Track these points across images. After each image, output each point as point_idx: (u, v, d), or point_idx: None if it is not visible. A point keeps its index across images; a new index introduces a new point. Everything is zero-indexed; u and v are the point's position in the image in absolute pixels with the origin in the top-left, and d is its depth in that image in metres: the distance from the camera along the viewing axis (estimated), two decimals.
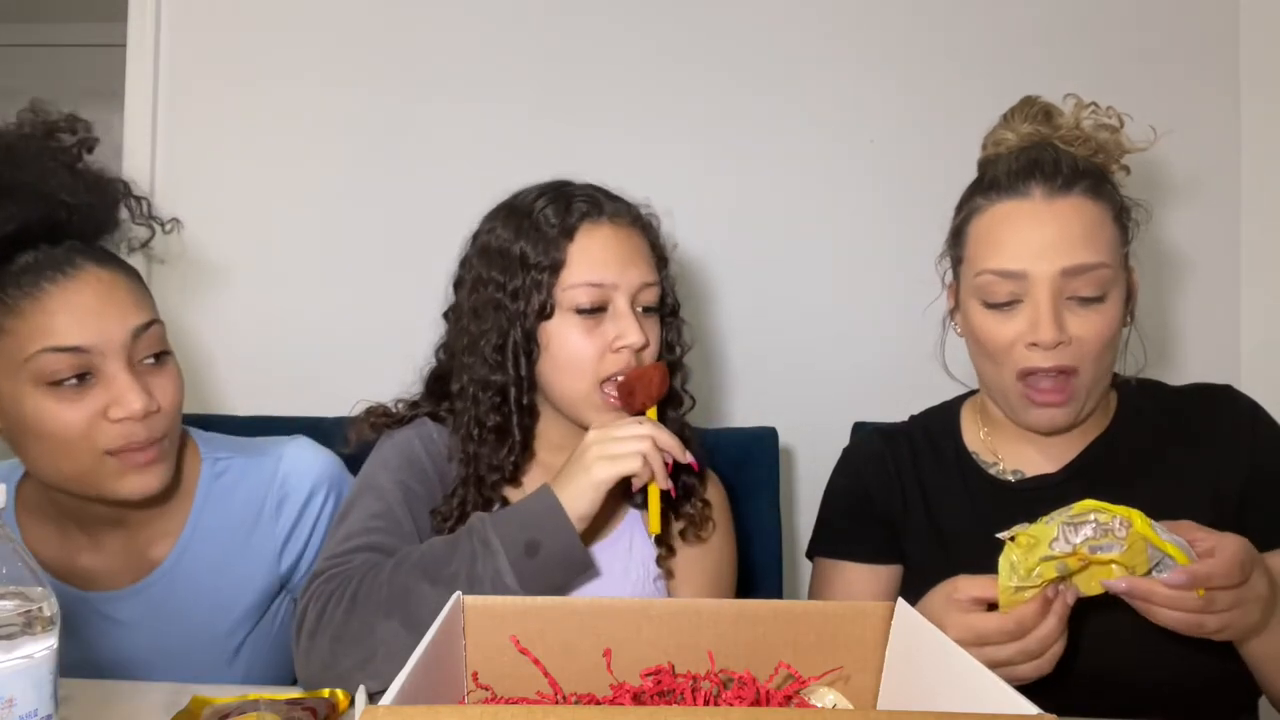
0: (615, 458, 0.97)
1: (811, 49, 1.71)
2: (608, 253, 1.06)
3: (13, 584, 0.63)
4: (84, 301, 0.94)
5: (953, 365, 1.18)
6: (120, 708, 0.90)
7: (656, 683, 0.73)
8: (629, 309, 1.05)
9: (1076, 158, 1.04)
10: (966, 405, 1.20)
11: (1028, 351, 1.00)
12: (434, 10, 1.74)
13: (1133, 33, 1.69)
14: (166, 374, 1.01)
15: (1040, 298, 0.99)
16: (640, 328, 1.05)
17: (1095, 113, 1.07)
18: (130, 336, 0.96)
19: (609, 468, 0.96)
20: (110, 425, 0.95)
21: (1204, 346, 1.68)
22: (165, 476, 1.02)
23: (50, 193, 0.95)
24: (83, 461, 0.96)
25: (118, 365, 0.95)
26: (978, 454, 1.14)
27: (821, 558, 1.19)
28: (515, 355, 1.06)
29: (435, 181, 1.73)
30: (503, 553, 0.94)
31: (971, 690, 0.62)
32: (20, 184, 0.93)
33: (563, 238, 1.05)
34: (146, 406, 0.95)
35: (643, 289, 1.07)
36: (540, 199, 1.09)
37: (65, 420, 0.93)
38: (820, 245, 1.71)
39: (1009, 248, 1.01)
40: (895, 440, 1.18)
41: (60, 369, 0.92)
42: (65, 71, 3.18)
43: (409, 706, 0.55)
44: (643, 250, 1.09)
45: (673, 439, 1.00)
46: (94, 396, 0.94)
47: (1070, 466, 1.08)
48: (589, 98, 1.72)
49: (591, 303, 1.04)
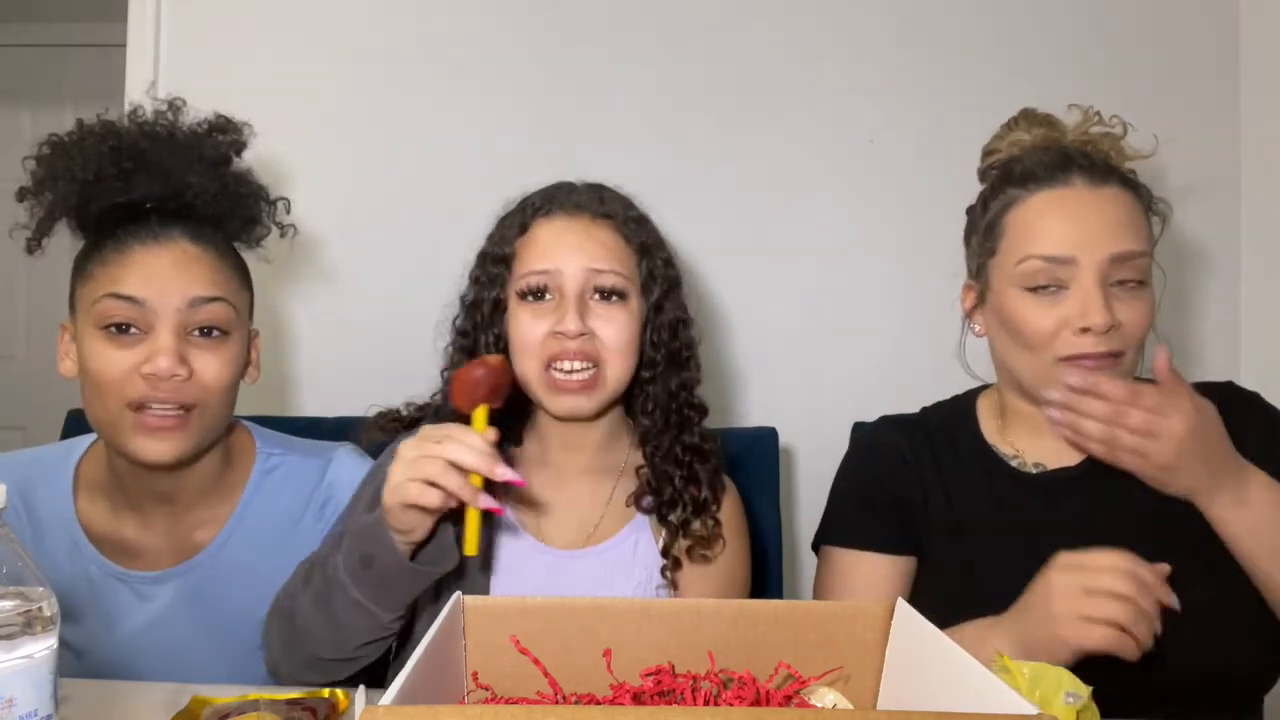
0: (398, 486, 0.89)
1: (812, 49, 1.71)
2: (554, 242, 1.06)
3: (13, 584, 0.63)
4: (157, 263, 1.01)
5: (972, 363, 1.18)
6: (120, 708, 0.90)
7: (656, 683, 0.73)
8: (575, 295, 1.04)
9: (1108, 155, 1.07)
10: (982, 399, 1.19)
11: (1075, 338, 1.01)
12: (438, 10, 1.74)
13: (1132, 36, 1.69)
14: (216, 351, 1.04)
15: (1089, 284, 1.00)
16: (579, 314, 1.03)
17: (1099, 121, 1.09)
18: (187, 304, 1.01)
19: (396, 495, 0.89)
20: (139, 379, 1.00)
21: (1204, 346, 1.69)
22: (182, 449, 1.03)
23: (181, 178, 1.04)
24: (110, 409, 1.02)
25: (166, 327, 1.01)
26: (997, 447, 1.14)
27: (832, 547, 1.16)
28: (486, 348, 1.09)
29: (443, 182, 1.73)
30: (343, 567, 0.94)
31: (971, 690, 0.62)
32: (158, 164, 1.04)
33: (517, 233, 1.09)
34: (173, 369, 0.99)
35: (593, 274, 1.05)
36: (517, 203, 1.13)
37: (106, 363, 1.00)
38: (820, 245, 1.71)
39: (1055, 233, 1.02)
40: (911, 430, 1.17)
41: (115, 314, 1.00)
42: (65, 71, 3.18)
43: (409, 706, 0.55)
44: (602, 238, 1.07)
45: (480, 456, 0.88)
46: (137, 349, 1.00)
47: (1090, 459, 1.08)
48: (589, 98, 1.72)
49: (530, 288, 1.05)
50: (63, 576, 1.08)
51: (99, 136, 1.05)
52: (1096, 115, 1.09)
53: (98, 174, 1.02)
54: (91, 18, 2.92)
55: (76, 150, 1.04)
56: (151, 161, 1.04)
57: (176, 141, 1.07)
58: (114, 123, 1.07)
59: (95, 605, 1.09)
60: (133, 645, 1.08)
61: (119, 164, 1.03)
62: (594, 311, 1.05)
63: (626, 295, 1.07)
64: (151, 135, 1.07)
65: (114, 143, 1.04)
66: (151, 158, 1.04)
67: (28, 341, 3.24)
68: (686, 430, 1.12)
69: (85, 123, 1.07)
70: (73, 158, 1.03)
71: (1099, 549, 0.90)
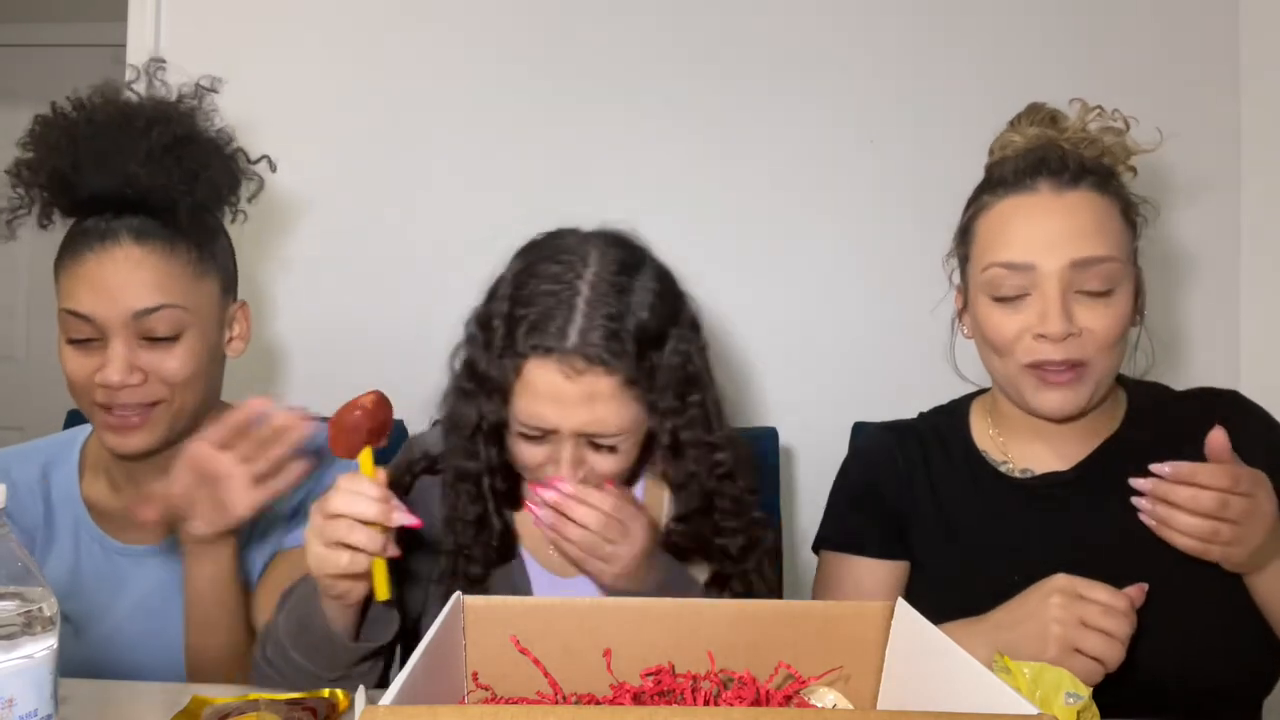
0: (311, 557, 0.88)
1: (812, 49, 1.71)
2: (551, 397, 0.96)
3: (13, 584, 0.63)
4: (103, 276, 1.04)
5: (962, 366, 1.18)
6: (120, 708, 0.90)
7: (656, 683, 0.73)
8: (571, 445, 0.98)
9: (1083, 156, 1.05)
10: (976, 404, 1.19)
11: (1036, 344, 1.00)
12: (441, 18, 1.74)
13: (1133, 33, 1.69)
14: (171, 351, 1.07)
15: (1049, 290, 0.99)
16: (574, 465, 0.99)
17: (1101, 116, 1.07)
18: (131, 317, 1.04)
19: (312, 566, 0.89)
20: (98, 386, 1.05)
21: (1205, 347, 1.68)
22: (150, 441, 1.07)
23: (125, 169, 1.06)
24: (84, 406, 1.09)
25: (118, 338, 1.04)
26: (987, 452, 1.14)
27: (829, 551, 1.18)
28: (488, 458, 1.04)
29: (449, 187, 1.73)
30: (283, 630, 0.96)
31: (971, 690, 0.62)
32: (104, 158, 1.06)
33: (513, 371, 0.97)
34: (123, 380, 1.03)
35: (593, 437, 0.99)
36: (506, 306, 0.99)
37: (72, 369, 1.07)
38: (821, 245, 1.71)
39: (1017, 241, 1.02)
40: (904, 436, 1.18)
41: (73, 330, 1.06)
42: (65, 71, 3.18)
43: (409, 706, 0.55)
44: (605, 395, 0.96)
45: (372, 503, 0.86)
46: (96, 357, 1.05)
47: (1081, 465, 1.08)
48: (588, 97, 1.72)
49: (529, 435, 1.00)
50: (69, 554, 1.14)
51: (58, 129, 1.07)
52: (1097, 109, 1.07)
53: (51, 173, 1.06)
54: (91, 18, 2.92)
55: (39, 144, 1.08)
56: (101, 155, 1.06)
57: (127, 132, 1.07)
58: (66, 114, 1.09)
59: (97, 579, 1.12)
60: (132, 616, 1.11)
61: (72, 159, 1.06)
62: (588, 456, 1.00)
63: (625, 444, 1.00)
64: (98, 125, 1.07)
65: (67, 135, 1.06)
66: (98, 151, 1.06)
67: (28, 342, 3.24)
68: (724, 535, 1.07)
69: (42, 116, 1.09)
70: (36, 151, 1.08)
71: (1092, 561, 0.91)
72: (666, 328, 1.00)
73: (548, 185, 1.72)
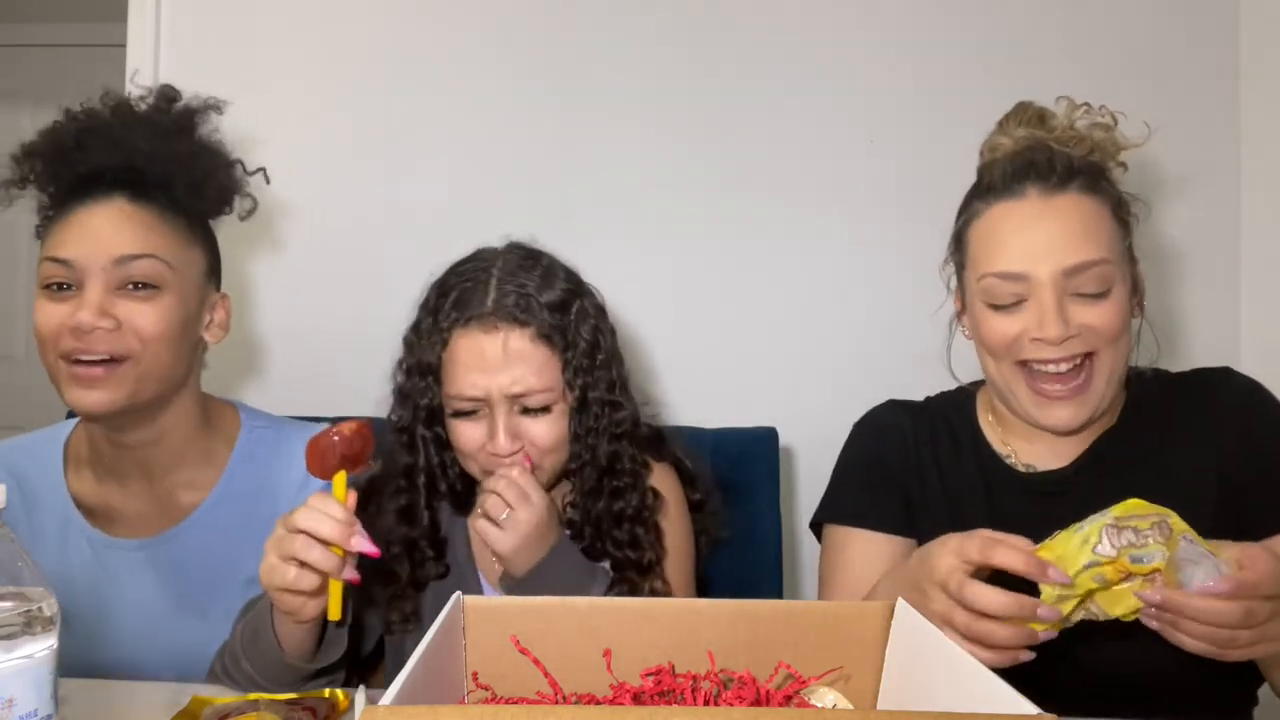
0: (265, 570, 0.90)
1: (811, 49, 1.71)
2: (475, 365, 1.05)
3: (13, 584, 0.63)
4: (92, 222, 1.05)
5: (957, 368, 1.18)
6: (120, 708, 0.90)
7: (656, 683, 0.73)
8: (502, 413, 1.05)
9: (1071, 156, 1.04)
10: (981, 392, 1.19)
11: (1034, 345, 1.01)
12: (441, 17, 1.74)
13: (1133, 30, 1.69)
14: (149, 302, 1.06)
15: (1044, 297, 0.99)
16: (508, 433, 1.05)
17: (1088, 113, 1.07)
18: (113, 261, 1.04)
19: (265, 580, 0.90)
20: (69, 332, 1.04)
21: (1204, 341, 1.68)
22: (114, 399, 1.05)
23: (132, 144, 1.08)
24: (49, 361, 1.07)
25: (95, 282, 1.04)
26: (992, 443, 1.14)
27: (833, 524, 1.16)
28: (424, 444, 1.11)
29: (436, 188, 1.73)
30: (239, 637, 0.98)
31: (971, 690, 0.62)
32: (113, 135, 1.09)
33: (440, 348, 1.07)
34: (95, 323, 1.02)
35: (516, 397, 1.05)
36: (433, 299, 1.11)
37: (43, 318, 1.05)
38: (820, 245, 1.71)
39: (1009, 250, 1.02)
40: (916, 414, 1.18)
41: (51, 275, 1.05)
42: (65, 71, 3.18)
43: (409, 706, 0.55)
44: (520, 351, 1.05)
45: (335, 525, 0.87)
46: (70, 305, 1.04)
47: (1079, 461, 1.08)
48: (583, 98, 1.72)
49: (459, 411, 1.07)
50: (55, 549, 1.12)
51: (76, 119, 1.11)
52: (1084, 106, 1.07)
53: (58, 148, 1.08)
54: (91, 18, 2.92)
55: (50, 133, 1.10)
56: (108, 134, 1.09)
57: (136, 115, 1.12)
58: (74, 114, 1.11)
59: (87, 575, 1.12)
60: (125, 611, 1.11)
61: (80, 138, 1.08)
62: (521, 424, 1.06)
63: (550, 407, 1.07)
64: (115, 111, 1.12)
65: (83, 122, 1.10)
66: (110, 131, 1.09)
67: (28, 341, 3.23)
68: (620, 497, 1.12)
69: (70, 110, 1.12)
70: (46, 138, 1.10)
71: None
72: (571, 300, 1.10)
73: (540, 185, 1.72)
